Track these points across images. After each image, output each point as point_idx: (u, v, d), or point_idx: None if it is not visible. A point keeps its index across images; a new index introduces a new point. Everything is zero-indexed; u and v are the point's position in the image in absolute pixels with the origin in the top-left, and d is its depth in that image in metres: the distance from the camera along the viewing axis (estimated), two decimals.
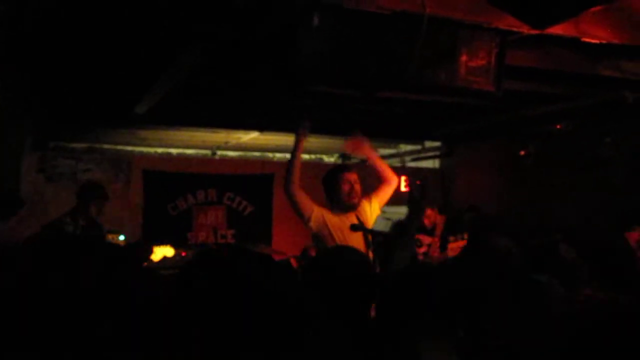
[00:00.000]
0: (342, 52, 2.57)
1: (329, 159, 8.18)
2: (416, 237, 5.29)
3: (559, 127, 5.34)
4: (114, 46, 3.25)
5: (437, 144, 7.36)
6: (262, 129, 5.97)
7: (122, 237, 5.18)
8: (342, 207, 3.77)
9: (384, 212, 4.25)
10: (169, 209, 6.69)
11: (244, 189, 6.99)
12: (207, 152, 7.61)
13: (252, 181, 7.04)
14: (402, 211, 5.78)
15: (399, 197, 4.28)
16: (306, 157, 8.11)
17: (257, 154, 7.96)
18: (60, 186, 6.14)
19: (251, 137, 6.39)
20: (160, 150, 7.62)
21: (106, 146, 7.15)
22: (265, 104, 4.84)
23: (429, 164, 7.74)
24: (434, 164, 7.71)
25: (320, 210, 3.74)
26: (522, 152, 5.68)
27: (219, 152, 7.60)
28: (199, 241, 6.70)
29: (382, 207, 4.06)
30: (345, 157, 8.08)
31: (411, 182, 6.85)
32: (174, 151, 7.67)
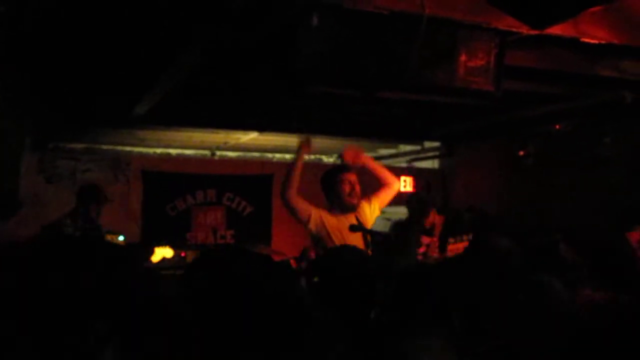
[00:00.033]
0: (342, 52, 2.57)
1: (328, 160, 8.17)
2: None
3: (558, 127, 5.34)
4: (114, 46, 3.25)
5: (436, 144, 7.36)
6: (261, 129, 5.97)
7: (121, 237, 5.18)
8: (342, 208, 3.75)
9: (384, 213, 4.25)
10: (168, 210, 6.68)
11: (244, 189, 6.98)
12: (207, 152, 7.61)
13: (252, 182, 7.03)
14: (401, 211, 5.81)
15: (398, 197, 4.29)
16: (305, 157, 8.10)
17: (257, 155, 7.96)
18: (59, 187, 6.13)
19: (250, 137, 6.39)
20: (159, 150, 7.62)
21: (105, 147, 7.15)
22: (264, 104, 4.84)
23: (428, 164, 7.74)
24: (433, 164, 7.71)
25: (318, 211, 3.73)
26: (521, 152, 5.69)
27: (218, 153, 7.60)
28: (198, 242, 6.69)
29: (382, 209, 4.06)
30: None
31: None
32: (173, 152, 7.67)
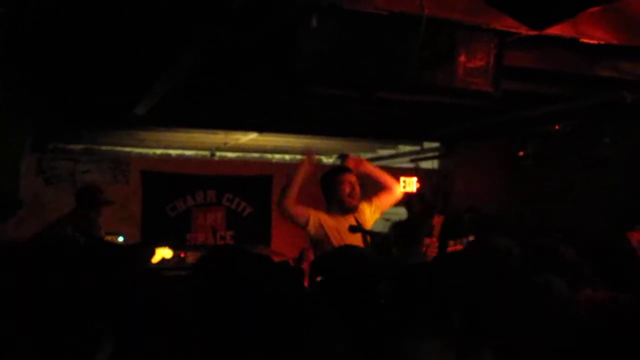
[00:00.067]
0: (342, 53, 2.57)
1: (328, 160, 8.18)
2: None
3: (557, 127, 5.34)
4: (113, 46, 3.26)
5: (436, 145, 7.36)
6: (261, 130, 5.97)
7: (120, 238, 5.17)
8: (341, 209, 3.74)
9: (384, 213, 4.25)
10: (167, 210, 6.68)
11: (243, 190, 6.98)
12: (206, 153, 7.62)
13: (251, 182, 7.04)
14: (401, 212, 5.81)
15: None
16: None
17: (256, 155, 7.97)
18: (59, 188, 6.14)
19: (250, 138, 6.39)
20: (159, 151, 7.63)
21: (105, 148, 7.16)
22: (264, 104, 4.85)
23: (427, 165, 7.75)
24: (433, 164, 7.72)
25: (316, 214, 3.72)
26: (521, 153, 5.69)
27: (218, 153, 7.60)
28: (198, 242, 6.69)
29: (382, 213, 4.04)
30: (344, 158, 8.07)
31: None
32: (173, 152, 7.68)
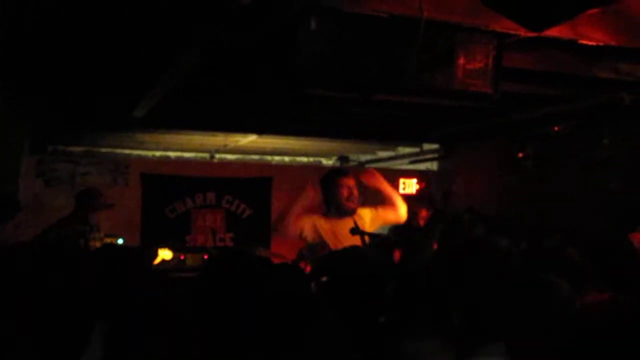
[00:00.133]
0: (341, 55, 2.58)
1: (328, 162, 8.18)
2: None
3: (556, 128, 5.35)
4: (113, 46, 3.26)
5: (435, 147, 7.37)
6: (260, 132, 5.97)
7: (120, 240, 5.18)
8: (339, 212, 3.78)
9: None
10: (167, 212, 6.69)
11: (243, 192, 6.99)
12: (206, 155, 7.62)
13: (251, 184, 7.04)
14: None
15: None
16: (304, 159, 8.13)
17: (256, 157, 7.97)
18: (58, 190, 6.14)
19: (250, 140, 6.39)
20: (158, 153, 7.63)
21: (104, 150, 7.16)
22: (264, 105, 4.85)
23: (427, 166, 7.77)
24: (432, 166, 7.73)
25: (310, 219, 3.73)
26: (520, 154, 5.70)
27: (218, 156, 7.61)
28: (197, 244, 6.69)
29: (380, 226, 4.02)
30: (343, 160, 8.09)
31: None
32: (172, 154, 7.68)
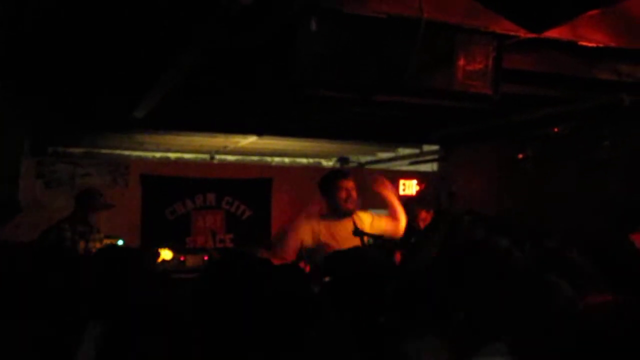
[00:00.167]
0: (341, 55, 2.59)
1: (327, 163, 8.18)
2: None
3: (556, 130, 5.36)
4: (113, 46, 3.26)
5: (435, 148, 7.38)
6: (260, 133, 5.97)
7: (120, 241, 5.18)
8: (337, 213, 3.82)
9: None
10: (167, 214, 6.68)
11: (243, 193, 6.99)
12: (206, 156, 7.61)
13: (251, 185, 7.04)
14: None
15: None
16: (304, 160, 8.12)
17: (256, 158, 7.97)
18: (58, 191, 6.14)
19: (249, 141, 6.39)
20: (158, 154, 7.62)
21: (104, 151, 7.15)
22: (264, 106, 4.85)
23: (427, 167, 7.77)
24: (432, 167, 7.74)
25: (307, 224, 3.76)
26: (520, 155, 5.70)
27: (218, 157, 7.60)
28: (197, 246, 6.69)
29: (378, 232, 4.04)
30: (343, 161, 8.09)
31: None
32: (172, 156, 7.67)
